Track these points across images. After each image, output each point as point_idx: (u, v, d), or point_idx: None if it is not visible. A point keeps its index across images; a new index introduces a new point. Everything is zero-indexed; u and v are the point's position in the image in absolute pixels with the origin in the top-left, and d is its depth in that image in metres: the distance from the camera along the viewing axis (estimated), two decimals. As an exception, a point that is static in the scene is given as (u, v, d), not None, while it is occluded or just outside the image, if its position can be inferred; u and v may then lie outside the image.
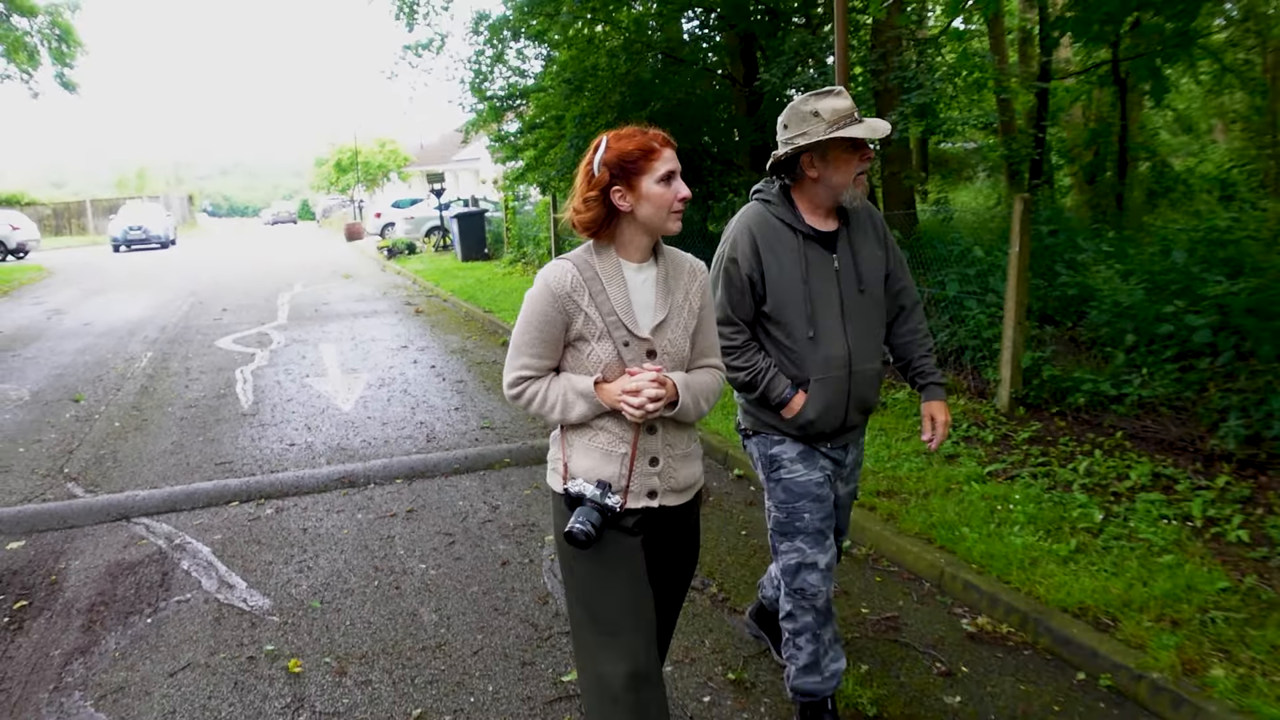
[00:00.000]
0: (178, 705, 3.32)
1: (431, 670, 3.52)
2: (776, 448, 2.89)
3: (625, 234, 2.29)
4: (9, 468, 6.29)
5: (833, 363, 2.80)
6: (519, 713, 3.21)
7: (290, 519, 5.18)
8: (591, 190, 2.22)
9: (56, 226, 47.96)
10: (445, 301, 14.95)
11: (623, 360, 2.25)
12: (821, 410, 2.81)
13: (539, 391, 2.29)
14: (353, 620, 3.94)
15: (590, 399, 2.24)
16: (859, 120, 2.69)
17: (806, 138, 2.70)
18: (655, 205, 2.22)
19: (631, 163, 2.19)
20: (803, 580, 2.88)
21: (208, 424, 7.32)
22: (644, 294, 2.31)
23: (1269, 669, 3.19)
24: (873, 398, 2.94)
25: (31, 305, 16.35)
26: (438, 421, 7.22)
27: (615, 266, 2.29)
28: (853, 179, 2.75)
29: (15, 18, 23.06)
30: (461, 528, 4.98)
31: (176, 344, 11.33)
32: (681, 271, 2.39)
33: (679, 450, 2.37)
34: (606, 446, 2.28)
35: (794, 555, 2.88)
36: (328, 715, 3.23)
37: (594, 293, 2.25)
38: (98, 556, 4.72)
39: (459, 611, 3.99)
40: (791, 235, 2.80)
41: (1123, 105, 13.39)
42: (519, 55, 14.08)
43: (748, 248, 2.79)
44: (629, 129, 2.26)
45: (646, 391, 2.17)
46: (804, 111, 2.72)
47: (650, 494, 2.31)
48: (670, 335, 2.32)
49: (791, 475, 2.87)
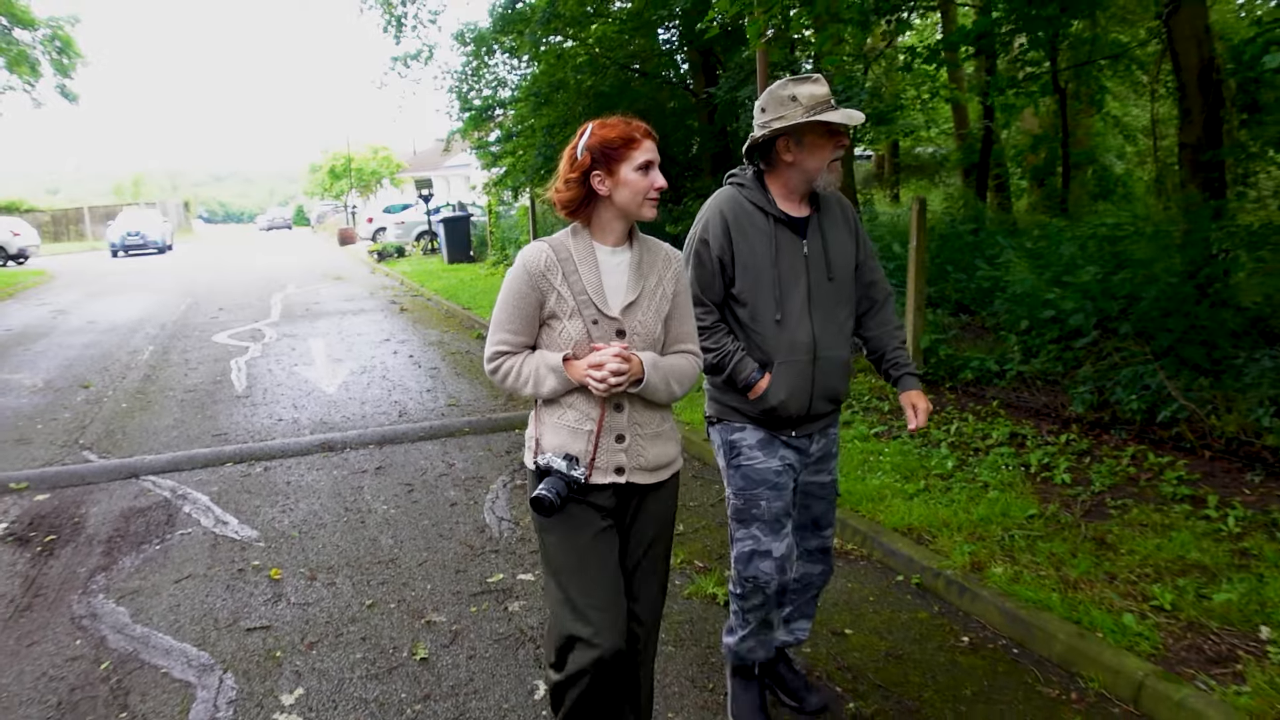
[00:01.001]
0: (181, 601, 4.19)
1: (384, 575, 4.40)
2: (737, 434, 2.92)
3: (602, 218, 2.39)
4: (31, 440, 7.15)
5: (798, 347, 2.82)
6: (449, 602, 4.10)
7: (276, 475, 6.05)
8: (573, 172, 2.33)
9: (55, 232, 48.83)
10: (429, 300, 15.82)
11: (591, 337, 2.35)
12: (786, 395, 2.82)
13: (514, 366, 2.39)
14: (323, 544, 4.82)
15: (559, 374, 2.33)
16: (835, 107, 2.72)
17: (783, 121, 2.71)
18: (632, 191, 2.32)
19: (613, 149, 2.29)
20: (755, 568, 2.91)
21: (205, 404, 8.19)
22: (616, 276, 2.40)
23: (1039, 568, 4.07)
24: (840, 386, 2.94)
25: (37, 306, 17.21)
26: (410, 400, 8.11)
27: (589, 248, 2.40)
28: (827, 165, 2.78)
29: (17, 30, 23.97)
30: (420, 480, 5.87)
31: (176, 339, 12.20)
32: (656, 258, 2.47)
33: (648, 430, 2.44)
34: (574, 424, 2.37)
35: (749, 543, 2.92)
36: (300, 605, 4.11)
37: (567, 272, 2.35)
38: (112, 505, 5.59)
39: (410, 538, 4.88)
40: (763, 218, 2.81)
41: (1063, 113, 14.27)
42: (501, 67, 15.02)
43: (719, 229, 2.81)
44: (614, 119, 2.37)
45: (609, 365, 2.27)
46: (782, 96, 2.74)
47: (618, 470, 2.40)
48: (640, 316, 2.40)
49: (750, 462, 2.89)
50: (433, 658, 3.62)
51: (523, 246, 14.81)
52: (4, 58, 23.06)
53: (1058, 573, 4.00)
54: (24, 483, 6.02)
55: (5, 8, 22.45)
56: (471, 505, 5.35)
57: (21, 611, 4.15)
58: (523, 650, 3.66)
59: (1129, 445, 5.56)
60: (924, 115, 17.66)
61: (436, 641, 3.75)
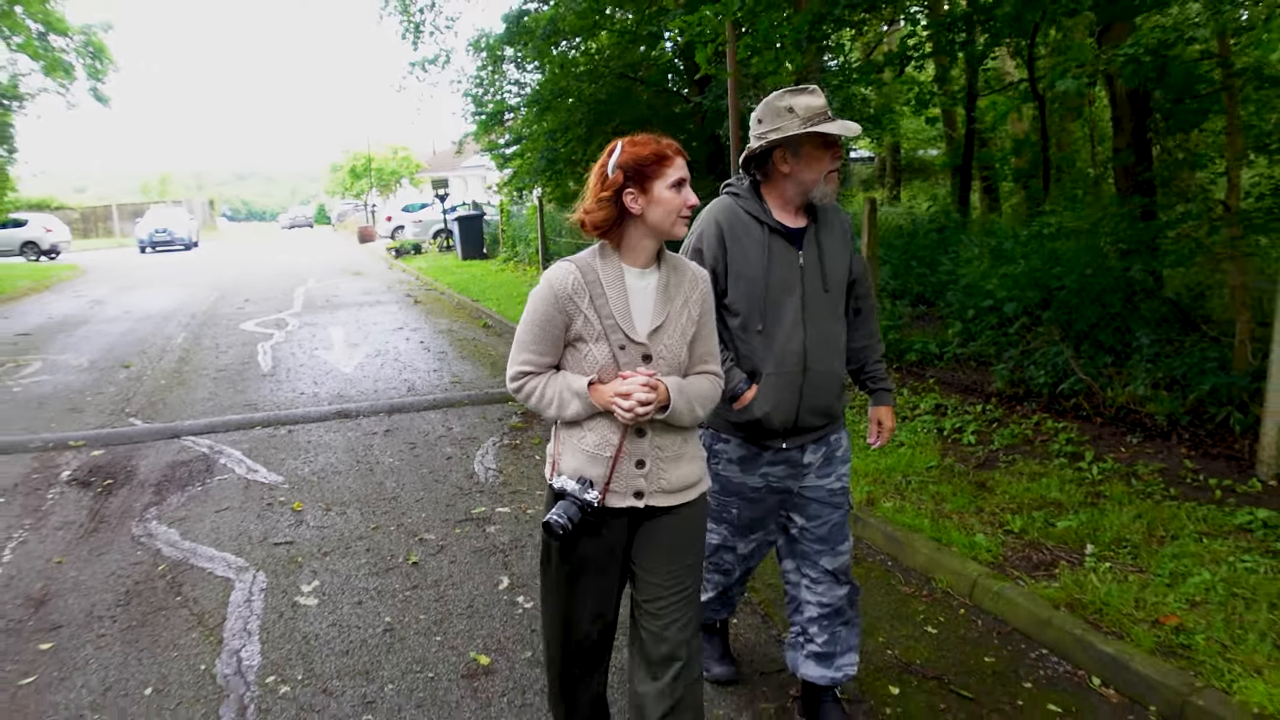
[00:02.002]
0: (220, 525, 5.11)
1: (386, 508, 5.32)
2: (720, 444, 2.94)
3: (632, 237, 2.34)
4: (82, 410, 8.12)
5: (787, 358, 2.80)
6: (438, 526, 5.01)
7: (299, 436, 6.98)
8: (605, 191, 2.28)
9: (84, 229, 50.19)
10: (441, 294, 16.77)
11: (618, 363, 2.31)
12: (770, 407, 2.80)
13: (537, 387, 2.36)
14: (337, 486, 5.74)
15: (584, 399, 2.30)
16: (832, 118, 2.72)
17: (780, 132, 2.71)
18: (665, 209, 2.28)
19: (646, 166, 2.27)
20: (720, 558, 3.09)
21: (235, 381, 9.14)
22: (644, 299, 2.36)
23: (922, 503, 4.94)
24: (831, 401, 2.91)
25: (73, 297, 18.29)
26: (418, 378, 9.03)
27: (617, 271, 2.35)
28: (824, 176, 2.76)
29: (53, 37, 25.08)
30: (422, 439, 6.78)
31: (206, 327, 13.19)
32: (683, 279, 2.43)
33: (669, 452, 2.40)
34: (594, 449, 2.34)
35: (715, 537, 3.04)
36: (317, 528, 5.03)
37: (594, 296, 2.31)
38: (159, 458, 6.53)
39: (410, 483, 5.79)
40: (758, 228, 2.81)
41: (1042, 118, 15.06)
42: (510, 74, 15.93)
43: (713, 238, 2.81)
44: (643, 136, 2.34)
45: (637, 395, 2.24)
46: (778, 107, 2.74)
47: (636, 494, 2.37)
48: (667, 340, 2.36)
49: (727, 473, 2.94)
50: (422, 562, 4.53)
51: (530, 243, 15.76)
52: (41, 63, 24.13)
53: (936, 506, 4.87)
54: (81, 442, 6.98)
55: (43, 16, 23.54)
56: (464, 459, 6.26)
57: (90, 533, 5.09)
58: (494, 558, 4.56)
59: (1035, 414, 6.41)
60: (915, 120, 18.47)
61: (426, 552, 4.67)
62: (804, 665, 3.08)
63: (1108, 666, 3.40)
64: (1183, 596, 3.74)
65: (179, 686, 3.44)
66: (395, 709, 3.26)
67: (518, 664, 3.54)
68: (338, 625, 3.90)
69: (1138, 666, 3.30)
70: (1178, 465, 5.27)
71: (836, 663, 3.04)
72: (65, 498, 5.70)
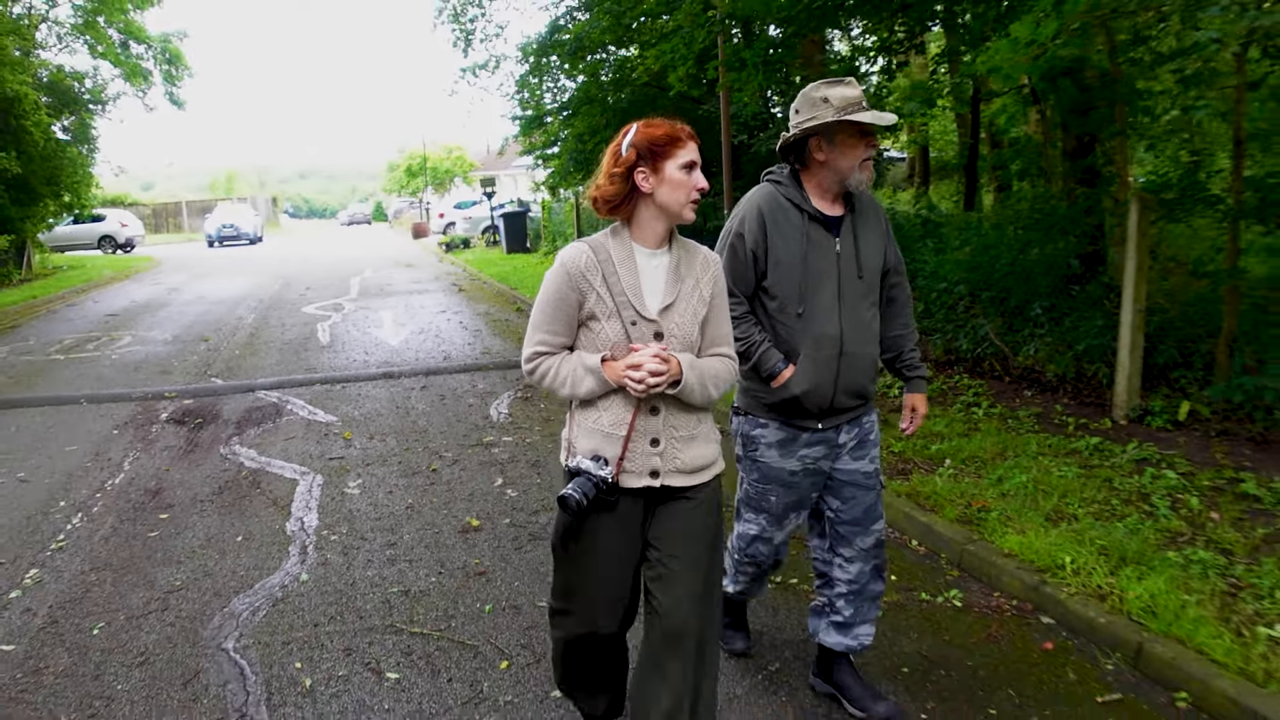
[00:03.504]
0: (288, 447, 6.56)
1: (416, 437, 6.75)
2: (758, 430, 3.00)
3: (643, 217, 2.39)
4: (171, 372, 9.68)
5: (824, 341, 2.86)
6: (454, 449, 6.41)
7: (350, 390, 8.45)
8: (618, 168, 2.33)
9: (155, 225, 52.72)
10: (484, 283, 18.26)
11: (630, 339, 2.35)
12: (808, 387, 2.86)
13: (552, 367, 2.41)
14: (380, 424, 7.18)
15: (597, 374, 2.34)
16: (866, 109, 2.78)
17: (815, 121, 2.79)
18: (675, 189, 2.32)
19: (659, 146, 2.31)
20: (755, 549, 3.16)
21: (299, 352, 10.66)
22: (655, 278, 2.40)
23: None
24: (865, 383, 2.96)
25: (152, 285, 20.13)
26: (454, 350, 10.48)
27: (629, 250, 2.40)
28: (858, 164, 2.82)
29: (133, 45, 27.03)
30: (451, 393, 8.21)
31: (272, 309, 14.81)
32: (695, 261, 2.47)
33: (683, 432, 2.44)
34: (608, 429, 2.39)
35: (753, 528, 3.12)
36: (361, 449, 6.46)
37: (607, 274, 2.35)
38: (238, 405, 8.03)
39: (438, 423, 7.20)
40: (798, 215, 2.87)
41: (1044, 120, 16.08)
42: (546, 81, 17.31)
43: (755, 224, 2.87)
44: (658, 119, 2.39)
45: (648, 365, 2.27)
46: (814, 98, 2.81)
47: (652, 474, 2.40)
48: (678, 319, 2.40)
49: (766, 460, 2.99)
50: (439, 470, 5.95)
51: (568, 238, 17.38)
52: (121, 70, 26.06)
53: (843, 436, 6.15)
54: (174, 393, 8.51)
55: (124, 25, 25.48)
56: (482, 406, 7.67)
57: (188, 452, 6.57)
58: (494, 467, 5.95)
59: (958, 375, 7.64)
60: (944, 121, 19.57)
61: (443, 463, 6.08)
62: (824, 633, 3.20)
63: (922, 531, 4.70)
64: (998, 491, 5.00)
65: (260, 537, 4.88)
66: (409, 548, 4.66)
67: (499, 526, 4.93)
68: (373, 504, 5.32)
69: (940, 529, 4.59)
70: (1052, 410, 6.49)
71: (855, 631, 3.15)
72: (166, 430, 7.21)
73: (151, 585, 4.32)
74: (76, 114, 23.34)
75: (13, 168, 17.64)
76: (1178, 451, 5.41)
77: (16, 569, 4.55)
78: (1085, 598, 3.83)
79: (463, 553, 4.60)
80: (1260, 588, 3.76)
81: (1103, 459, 5.40)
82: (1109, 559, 4.05)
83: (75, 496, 5.64)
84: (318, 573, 4.40)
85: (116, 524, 5.14)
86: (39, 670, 3.58)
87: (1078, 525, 4.46)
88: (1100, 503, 4.75)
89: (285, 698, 3.32)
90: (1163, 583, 3.76)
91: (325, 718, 3.19)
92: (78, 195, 22.83)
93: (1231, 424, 5.78)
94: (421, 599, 4.10)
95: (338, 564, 4.50)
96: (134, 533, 5.01)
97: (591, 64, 15.11)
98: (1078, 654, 3.58)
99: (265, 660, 3.59)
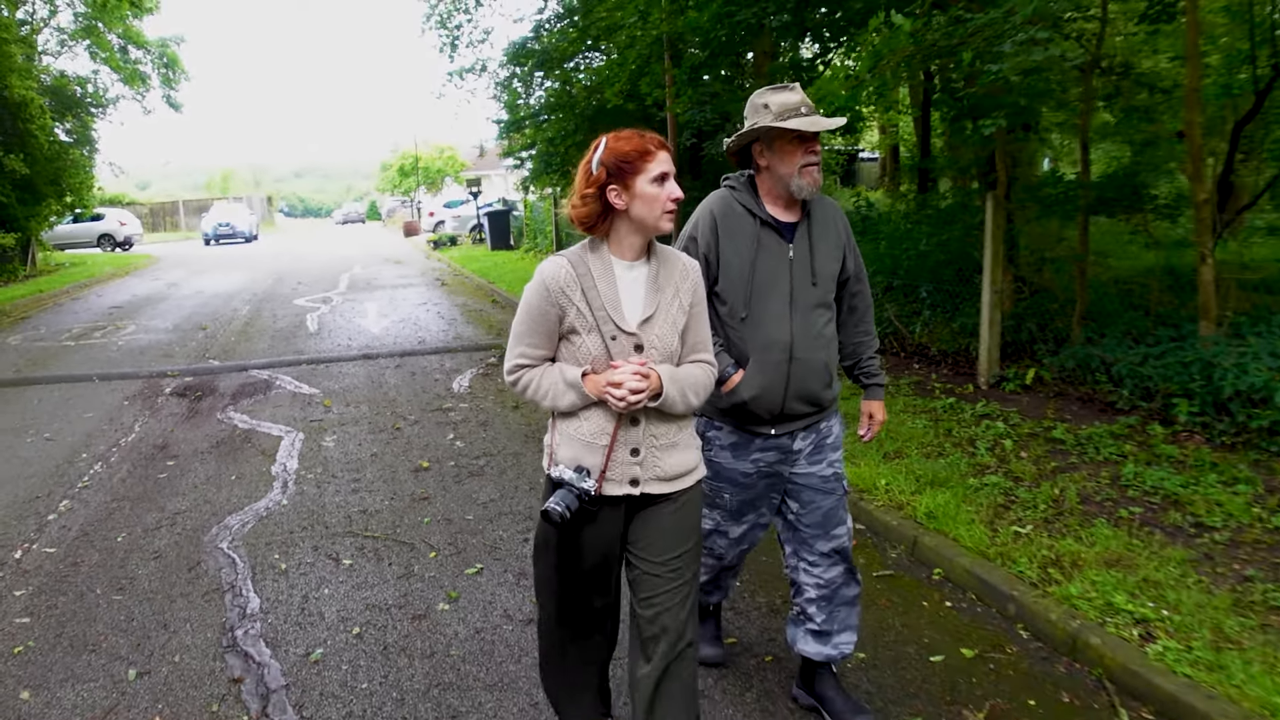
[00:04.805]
0: (275, 413, 7.64)
1: (386, 404, 7.84)
2: (713, 431, 3.00)
3: (619, 231, 2.39)
4: (173, 355, 10.75)
5: (773, 347, 2.85)
6: (417, 413, 7.49)
7: (332, 369, 9.53)
8: (589, 188, 2.34)
9: (153, 224, 53.76)
10: (466, 278, 19.35)
11: (610, 353, 2.35)
12: (757, 392, 2.85)
13: (533, 379, 2.42)
14: (356, 394, 8.27)
15: (578, 389, 2.35)
16: (805, 114, 2.76)
17: (754, 127, 2.80)
18: (648, 204, 2.32)
19: (627, 163, 2.30)
20: (712, 542, 3.14)
21: (289, 338, 11.74)
22: (634, 290, 2.41)
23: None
24: (818, 389, 2.93)
25: (152, 280, 21.20)
26: (429, 336, 11.57)
27: (607, 263, 2.40)
28: (798, 170, 2.80)
29: (132, 50, 28.09)
30: (421, 371, 9.30)
31: (265, 302, 15.89)
32: (673, 270, 2.47)
33: (663, 440, 2.44)
34: (589, 438, 2.39)
35: (709, 523, 3.09)
36: (339, 413, 7.55)
37: (586, 288, 2.35)
38: (232, 381, 9.10)
39: (406, 394, 8.29)
40: (750, 220, 2.87)
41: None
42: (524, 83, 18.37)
43: (707, 228, 2.88)
44: (627, 131, 2.38)
45: (629, 384, 2.29)
46: (757, 104, 2.83)
47: (632, 482, 2.41)
48: (658, 330, 2.40)
49: (719, 460, 2.98)
50: (402, 428, 7.04)
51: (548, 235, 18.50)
52: (121, 74, 27.12)
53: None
54: (176, 372, 9.59)
55: (123, 31, 26.53)
56: (447, 380, 8.76)
57: (189, 417, 7.65)
58: (448, 426, 7.04)
59: (864, 352, 8.71)
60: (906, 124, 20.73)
61: (406, 424, 7.17)
62: (802, 641, 3.18)
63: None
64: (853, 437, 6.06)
65: (250, 476, 5.96)
66: (370, 482, 5.76)
67: (445, 466, 6.02)
68: (344, 453, 6.41)
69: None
70: (929, 379, 7.59)
71: (834, 640, 3.13)
72: (170, 401, 8.29)
73: (162, 510, 5.40)
74: (78, 117, 24.37)
75: (20, 169, 18.69)
76: (1016, 408, 6.50)
77: (51, 501, 5.63)
78: (888, 508, 4.94)
79: (412, 485, 5.69)
80: (1028, 502, 4.87)
81: (951, 415, 6.50)
82: (919, 483, 5.15)
83: (95, 450, 6.72)
84: (295, 499, 5.49)
85: (131, 469, 6.22)
86: (76, 563, 4.66)
87: (907, 461, 5.55)
88: (933, 445, 5.84)
89: (265, 576, 4.41)
90: (950, 497, 4.87)
91: (296, 587, 4.28)
92: (80, 195, 23.88)
93: (1068, 387, 6.87)
94: (375, 515, 5.19)
95: (312, 494, 5.58)
96: (146, 475, 6.08)
97: (563, 72, 16.18)
98: (871, 546, 4.69)
99: (251, 554, 4.68)
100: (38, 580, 4.45)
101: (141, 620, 4.01)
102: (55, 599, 4.25)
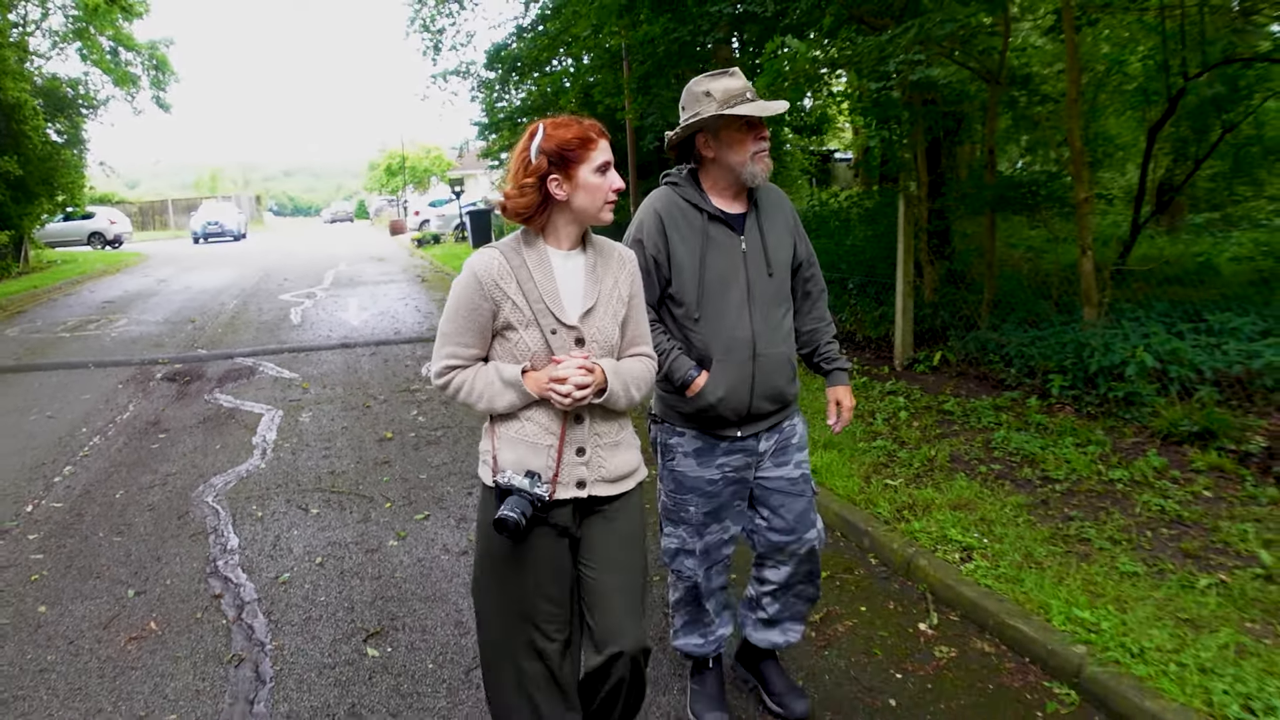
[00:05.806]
0: (258, 394, 8.38)
1: (359, 386, 8.59)
2: (675, 438, 2.89)
3: (557, 222, 2.28)
4: (164, 345, 11.48)
5: (736, 345, 2.75)
6: (387, 395, 8.24)
7: (313, 356, 10.28)
8: (528, 177, 2.20)
9: (142, 222, 54.27)
10: (446, 275, 20.06)
11: (550, 348, 2.24)
12: (723, 394, 2.75)
13: (466, 380, 2.29)
14: (332, 379, 9.01)
15: (518, 387, 2.23)
16: (750, 99, 2.66)
17: (698, 117, 2.68)
18: (590, 194, 2.22)
19: (570, 151, 2.18)
20: (680, 564, 2.98)
21: (273, 330, 12.48)
22: (572, 281, 2.29)
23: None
24: (783, 385, 2.85)
25: (142, 277, 21.88)
26: (404, 327, 12.33)
27: (542, 254, 2.28)
28: (749, 157, 2.70)
29: (122, 52, 28.71)
30: (394, 358, 10.06)
31: (252, 297, 16.61)
32: (610, 260, 2.37)
33: (607, 439, 2.35)
34: (533, 438, 2.27)
35: (674, 540, 2.97)
36: (315, 394, 8.29)
37: (521, 280, 2.23)
38: (219, 368, 9.84)
39: (377, 377, 9.04)
40: (698, 215, 2.76)
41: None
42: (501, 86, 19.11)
43: (653, 229, 2.76)
44: (565, 117, 2.26)
45: (574, 379, 2.18)
46: (697, 92, 2.72)
47: (579, 484, 2.31)
48: (599, 323, 2.30)
49: (682, 469, 2.88)
50: (372, 406, 7.79)
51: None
52: (112, 76, 27.75)
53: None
54: (166, 360, 10.33)
55: (114, 34, 27.17)
56: (416, 366, 9.52)
57: (179, 399, 8.39)
58: (412, 405, 7.79)
59: (801, 340, 9.48)
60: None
61: (376, 402, 7.92)
62: (750, 627, 3.19)
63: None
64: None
65: (233, 446, 6.71)
66: (339, 450, 6.52)
67: (406, 437, 6.78)
68: (318, 427, 7.17)
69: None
70: (851, 361, 8.35)
71: (782, 627, 3.14)
72: (161, 385, 9.03)
73: (155, 473, 6.15)
74: (69, 117, 25.00)
75: (13, 170, 19.35)
76: (920, 386, 7.28)
77: (55, 467, 6.37)
78: (783, 466, 5.70)
79: (376, 451, 6.45)
80: (905, 461, 5.64)
81: (861, 392, 7.27)
82: (813, 445, 5.90)
83: (93, 425, 7.45)
84: (272, 463, 6.24)
85: (127, 441, 6.96)
86: (81, 514, 5.40)
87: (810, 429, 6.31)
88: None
89: (244, 522, 5.17)
90: (836, 456, 5.65)
91: (269, 530, 5.04)
92: (72, 195, 24.52)
93: (969, 367, 7.65)
94: (341, 475, 5.95)
95: (287, 459, 6.34)
96: (140, 445, 6.83)
97: (541, 77, 16.94)
98: (765, 497, 5.45)
99: (232, 505, 5.44)
100: (48, 528, 5.20)
101: (138, 555, 4.77)
102: (64, 540, 5.01)
